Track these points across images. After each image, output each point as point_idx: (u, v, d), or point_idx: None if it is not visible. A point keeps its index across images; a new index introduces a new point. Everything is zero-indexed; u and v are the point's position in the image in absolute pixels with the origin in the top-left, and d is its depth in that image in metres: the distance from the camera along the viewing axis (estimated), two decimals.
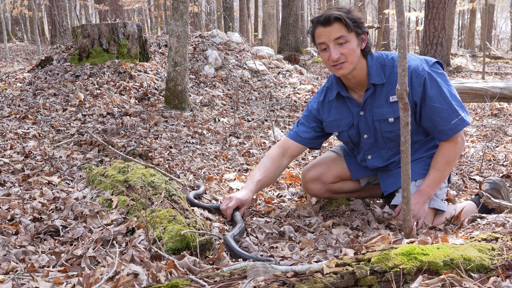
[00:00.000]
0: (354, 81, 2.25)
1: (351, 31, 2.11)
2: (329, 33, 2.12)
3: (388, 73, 2.20)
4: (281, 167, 2.46)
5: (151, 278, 1.54)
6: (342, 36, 2.11)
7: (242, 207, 2.31)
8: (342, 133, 2.40)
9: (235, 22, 18.80)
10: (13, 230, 1.93)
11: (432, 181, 2.19)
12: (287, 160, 2.48)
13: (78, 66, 5.98)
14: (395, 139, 2.28)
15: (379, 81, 2.20)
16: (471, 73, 11.51)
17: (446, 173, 2.22)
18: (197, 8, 15.22)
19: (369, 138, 2.33)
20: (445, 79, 2.20)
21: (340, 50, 2.12)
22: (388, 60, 2.22)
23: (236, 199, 2.28)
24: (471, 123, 5.05)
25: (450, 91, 2.17)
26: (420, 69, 2.14)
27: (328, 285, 1.28)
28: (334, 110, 2.37)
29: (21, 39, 19.43)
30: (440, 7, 13.09)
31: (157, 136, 4.23)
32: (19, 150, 3.36)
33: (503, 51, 22.42)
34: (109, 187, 2.32)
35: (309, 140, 2.46)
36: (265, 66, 7.59)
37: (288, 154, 2.47)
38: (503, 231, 1.63)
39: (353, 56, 2.14)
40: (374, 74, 2.20)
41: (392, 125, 2.24)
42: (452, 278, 1.33)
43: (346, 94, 2.31)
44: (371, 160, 2.38)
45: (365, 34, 2.18)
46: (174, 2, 4.92)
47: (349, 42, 2.12)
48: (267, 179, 2.43)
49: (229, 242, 1.93)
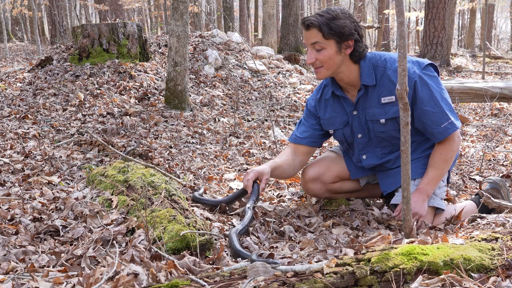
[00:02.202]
0: (345, 81, 2.28)
1: (328, 38, 2.12)
2: (308, 37, 2.17)
3: (380, 75, 2.21)
4: (296, 162, 2.47)
5: (151, 278, 1.54)
6: (317, 42, 2.14)
7: (261, 178, 2.32)
8: (337, 131, 2.41)
9: (235, 22, 18.80)
10: (13, 230, 1.93)
11: (431, 179, 2.20)
12: (299, 158, 2.49)
13: (78, 66, 5.98)
14: (388, 138, 2.30)
15: (370, 83, 2.21)
16: (471, 73, 11.51)
17: (444, 170, 2.23)
18: (197, 8, 15.22)
19: (363, 137, 2.35)
20: (437, 82, 2.20)
21: (316, 55, 2.16)
22: (381, 61, 2.22)
23: (253, 171, 2.32)
24: (472, 124, 5.03)
25: (441, 95, 2.18)
26: (411, 72, 2.14)
27: (328, 285, 1.28)
28: (330, 108, 2.39)
29: (21, 39, 19.43)
30: (440, 7, 13.08)
31: (157, 136, 4.23)
32: (19, 150, 3.36)
33: (503, 51, 22.42)
34: (109, 187, 2.32)
35: (310, 139, 2.47)
36: (265, 66, 7.59)
37: (299, 154, 2.49)
38: (503, 231, 1.63)
39: (329, 63, 2.16)
40: (365, 75, 2.21)
41: (384, 126, 2.26)
42: (452, 278, 1.33)
43: (340, 94, 2.33)
44: (366, 160, 2.39)
45: (351, 41, 2.15)
46: (174, 2, 4.92)
47: (325, 49, 2.14)
48: (285, 167, 2.44)
49: (233, 241, 1.92)
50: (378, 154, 2.36)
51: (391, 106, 2.20)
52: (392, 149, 2.33)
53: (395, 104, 2.19)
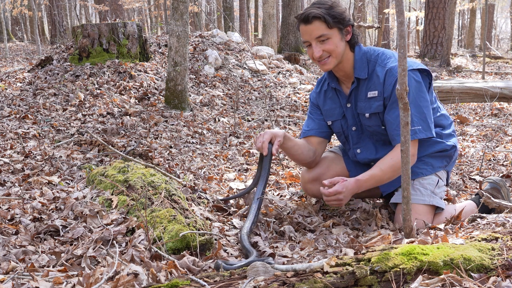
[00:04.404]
0: (341, 73, 2.30)
1: (332, 27, 2.14)
2: (310, 31, 2.15)
3: (371, 70, 2.23)
4: (311, 150, 2.44)
5: (151, 278, 1.54)
6: (323, 35, 2.14)
7: (275, 140, 2.27)
8: (335, 123, 2.44)
9: (235, 22, 18.80)
10: (13, 230, 1.94)
11: (371, 177, 2.14)
12: (313, 148, 2.46)
13: (78, 66, 5.98)
14: (375, 133, 2.33)
15: (362, 76, 2.24)
16: (471, 73, 11.51)
17: (386, 177, 2.16)
18: (197, 8, 15.22)
19: (357, 130, 2.39)
20: (419, 88, 2.16)
21: (323, 47, 2.16)
22: (374, 56, 2.24)
23: (267, 132, 2.28)
24: (472, 124, 5.02)
25: (416, 101, 2.13)
26: (395, 70, 2.14)
27: (328, 285, 1.28)
28: (329, 100, 2.43)
29: (21, 39, 19.43)
30: (440, 7, 13.08)
31: (157, 136, 4.23)
32: (19, 150, 3.36)
33: (503, 51, 22.41)
34: (109, 187, 2.32)
35: (318, 130, 2.48)
36: (265, 66, 7.59)
37: (312, 145, 2.48)
38: (503, 231, 1.63)
39: (337, 51, 2.18)
40: (359, 68, 2.24)
41: (369, 120, 2.29)
42: (452, 278, 1.33)
43: (335, 86, 2.37)
44: (361, 154, 2.41)
45: (349, 27, 2.20)
46: (174, 2, 4.92)
47: (330, 39, 2.15)
48: (300, 146, 2.41)
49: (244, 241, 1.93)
50: (371, 148, 2.38)
51: (374, 101, 2.23)
52: (383, 142, 2.34)
53: (378, 100, 2.21)
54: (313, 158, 2.47)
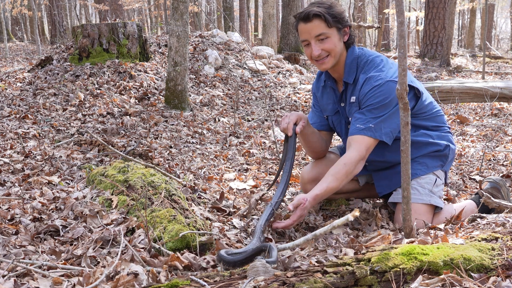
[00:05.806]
0: (336, 74, 2.33)
1: (331, 26, 2.15)
2: (309, 29, 2.17)
3: (358, 75, 2.25)
4: (323, 139, 2.50)
5: (151, 278, 1.54)
6: (322, 33, 2.16)
7: (299, 121, 2.29)
8: (329, 118, 2.48)
9: (235, 22, 18.80)
10: (13, 230, 1.93)
11: (328, 190, 2.11)
12: (324, 138, 2.51)
13: (78, 66, 5.98)
14: None
15: (349, 81, 2.27)
16: (471, 73, 11.50)
17: (343, 183, 2.15)
18: (197, 8, 15.22)
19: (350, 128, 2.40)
20: (396, 102, 2.10)
21: (321, 46, 2.18)
22: (363, 63, 2.25)
23: (293, 113, 2.29)
24: (472, 124, 5.03)
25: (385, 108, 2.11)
26: (380, 77, 2.12)
27: (328, 285, 1.28)
28: (326, 95, 2.47)
29: (21, 39, 19.43)
30: (440, 7, 13.08)
31: (157, 136, 4.23)
32: (19, 150, 3.36)
33: (503, 51, 22.40)
34: (109, 187, 2.32)
35: (319, 124, 2.52)
36: (265, 66, 7.59)
37: None
38: (503, 231, 1.63)
39: (335, 50, 2.20)
40: (347, 73, 2.26)
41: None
42: (452, 278, 1.33)
43: (330, 84, 2.39)
44: None
45: (347, 28, 2.22)
46: (174, 2, 4.92)
47: (329, 38, 2.17)
48: (316, 133, 2.45)
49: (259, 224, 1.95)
50: None
51: (354, 106, 2.26)
52: None
53: (355, 105, 2.24)
54: (325, 148, 2.53)
